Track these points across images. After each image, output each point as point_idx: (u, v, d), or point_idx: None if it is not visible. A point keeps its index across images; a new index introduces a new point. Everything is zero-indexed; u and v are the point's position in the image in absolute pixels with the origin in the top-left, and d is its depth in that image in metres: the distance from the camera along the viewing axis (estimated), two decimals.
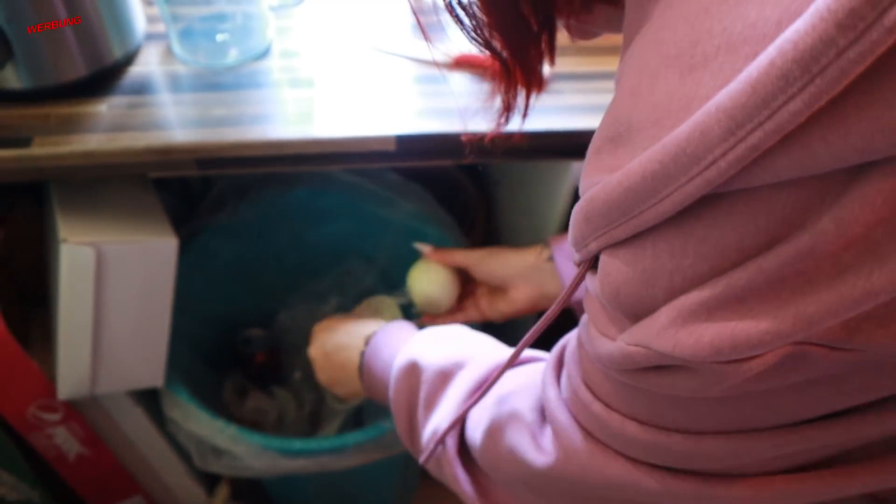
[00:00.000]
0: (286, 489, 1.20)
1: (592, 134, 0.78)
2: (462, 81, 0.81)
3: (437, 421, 0.59)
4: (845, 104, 0.23)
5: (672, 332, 0.30)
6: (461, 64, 0.81)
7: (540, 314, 0.53)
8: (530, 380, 0.54)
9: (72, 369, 0.85)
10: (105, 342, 0.84)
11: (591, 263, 0.38)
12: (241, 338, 1.25)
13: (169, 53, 0.84)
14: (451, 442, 0.58)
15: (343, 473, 0.95)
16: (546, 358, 0.57)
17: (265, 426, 1.20)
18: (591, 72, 0.82)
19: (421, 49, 0.84)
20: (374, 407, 1.21)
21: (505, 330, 0.90)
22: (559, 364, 0.50)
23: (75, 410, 0.94)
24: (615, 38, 0.47)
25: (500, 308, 0.85)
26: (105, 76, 0.79)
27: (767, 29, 0.25)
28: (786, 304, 0.27)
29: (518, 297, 0.84)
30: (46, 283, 0.96)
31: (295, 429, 1.23)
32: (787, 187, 0.26)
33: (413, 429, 0.64)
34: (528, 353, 0.60)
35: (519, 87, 0.45)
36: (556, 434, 0.46)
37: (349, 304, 1.29)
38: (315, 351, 0.85)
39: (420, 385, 0.63)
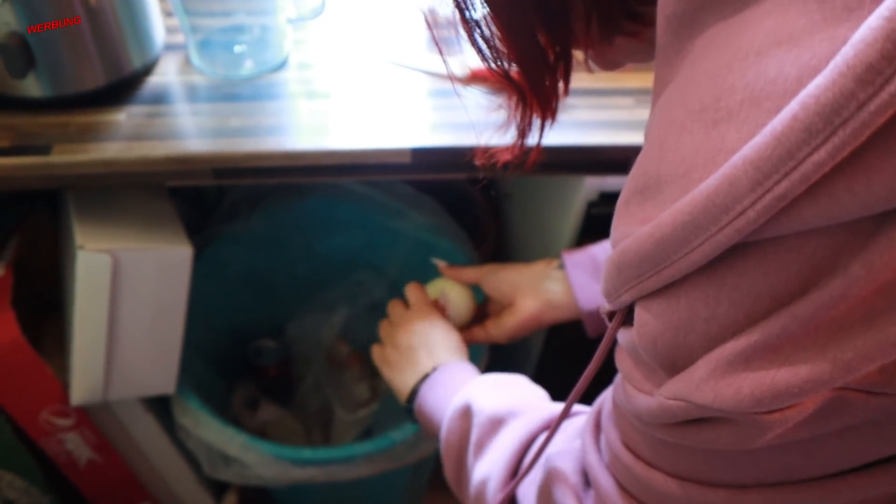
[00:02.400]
0: (294, 497, 1.20)
1: (606, 150, 0.79)
2: (477, 96, 0.82)
3: (487, 469, 0.59)
4: (868, 154, 0.23)
5: (711, 383, 0.30)
6: (476, 78, 0.82)
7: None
8: (572, 444, 0.53)
9: (85, 375, 0.86)
10: (119, 348, 0.85)
11: (624, 315, 0.38)
12: (254, 349, 1.25)
13: (187, 64, 0.85)
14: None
15: (351, 483, 0.95)
16: (587, 411, 0.57)
17: (275, 437, 1.20)
18: (605, 88, 0.83)
19: (436, 63, 0.85)
20: (383, 418, 1.21)
21: (513, 351, 0.90)
22: (597, 427, 0.50)
23: (87, 416, 0.94)
24: None
25: (506, 322, 0.85)
26: (124, 85, 0.80)
27: (788, 85, 0.25)
28: (822, 351, 0.27)
29: (524, 306, 0.83)
30: (61, 289, 0.96)
31: (306, 441, 1.23)
32: (815, 235, 0.26)
33: (461, 470, 0.64)
34: (574, 407, 0.59)
35: (534, 114, 0.46)
36: (600, 499, 0.46)
37: (358, 315, 1.29)
38: (404, 331, 0.83)
39: (471, 428, 0.63)
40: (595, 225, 0.91)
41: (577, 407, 0.59)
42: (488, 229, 1.34)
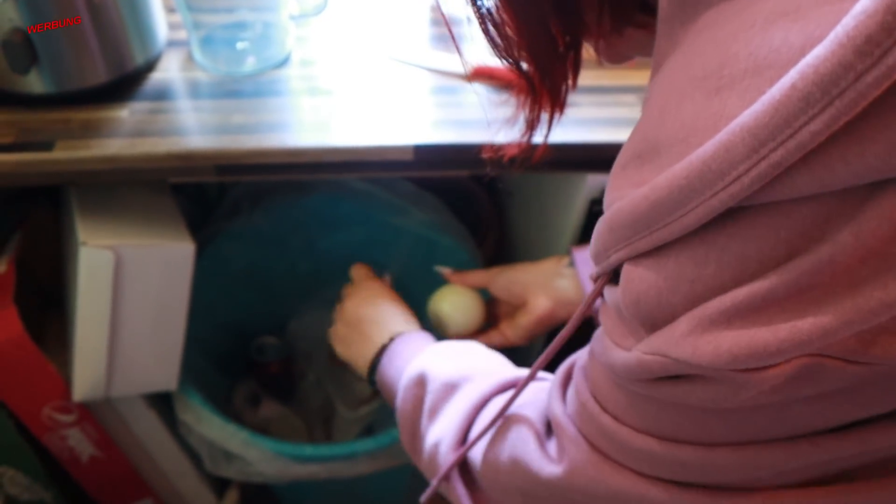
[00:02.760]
0: (296, 494, 1.21)
1: (609, 147, 0.79)
2: (480, 92, 0.82)
3: (439, 432, 0.60)
4: (864, 125, 0.24)
5: (691, 339, 0.31)
6: (479, 75, 0.82)
7: (555, 333, 0.53)
8: (536, 397, 0.54)
9: (88, 371, 0.86)
10: (121, 345, 0.85)
11: (610, 277, 0.38)
12: (255, 346, 1.25)
13: (190, 60, 0.85)
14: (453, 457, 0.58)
15: (353, 480, 0.95)
16: (551, 379, 0.58)
17: (277, 434, 1.20)
18: (608, 85, 0.83)
19: (439, 59, 0.85)
20: (385, 415, 1.21)
21: (514, 351, 0.89)
22: (566, 380, 0.51)
23: (89, 412, 0.94)
24: None
25: (521, 322, 0.84)
26: (127, 82, 0.80)
27: (791, 54, 0.26)
28: (804, 314, 0.28)
29: (537, 305, 0.83)
30: (63, 286, 0.97)
31: (307, 438, 1.23)
32: (807, 202, 0.27)
33: (415, 436, 0.65)
34: (539, 374, 0.60)
35: (543, 107, 0.46)
36: (563, 447, 0.47)
37: None
38: (353, 305, 0.84)
39: (425, 395, 0.64)
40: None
41: (541, 374, 0.59)
42: (490, 226, 1.34)
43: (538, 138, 0.49)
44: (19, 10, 0.69)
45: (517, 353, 1.16)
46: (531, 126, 0.48)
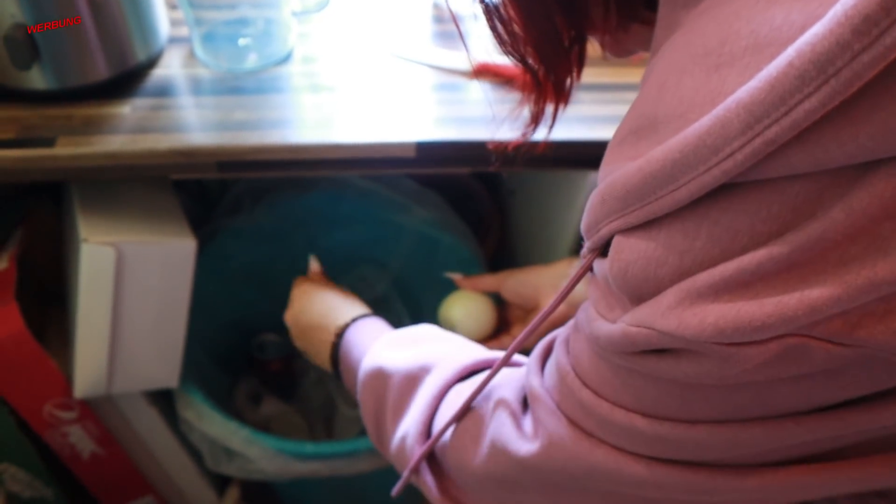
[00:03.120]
0: (297, 492, 1.20)
1: None
2: (483, 89, 0.82)
3: (405, 426, 0.60)
4: (858, 105, 0.24)
5: (678, 312, 0.31)
6: (482, 72, 0.82)
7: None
8: (514, 375, 0.54)
9: (89, 368, 0.86)
10: (122, 342, 0.85)
11: (600, 252, 0.38)
12: (256, 343, 1.25)
13: (191, 57, 0.85)
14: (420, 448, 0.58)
15: (354, 477, 0.95)
16: (525, 361, 0.57)
17: (278, 432, 1.20)
18: (610, 83, 0.83)
19: (441, 56, 0.85)
20: None
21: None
22: (545, 354, 0.51)
23: (91, 409, 0.94)
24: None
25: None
26: (128, 78, 0.80)
27: (792, 32, 0.26)
28: (791, 290, 0.28)
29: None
30: (65, 282, 0.96)
31: (309, 436, 1.23)
32: (800, 179, 0.27)
33: (381, 431, 0.65)
34: (513, 358, 0.60)
35: (547, 100, 0.46)
36: (540, 422, 0.46)
37: None
38: (291, 318, 0.85)
39: (387, 391, 0.63)
40: None
41: (517, 357, 0.59)
42: (492, 224, 1.33)
43: (542, 132, 0.49)
44: (21, 6, 0.69)
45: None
46: (535, 120, 0.48)
